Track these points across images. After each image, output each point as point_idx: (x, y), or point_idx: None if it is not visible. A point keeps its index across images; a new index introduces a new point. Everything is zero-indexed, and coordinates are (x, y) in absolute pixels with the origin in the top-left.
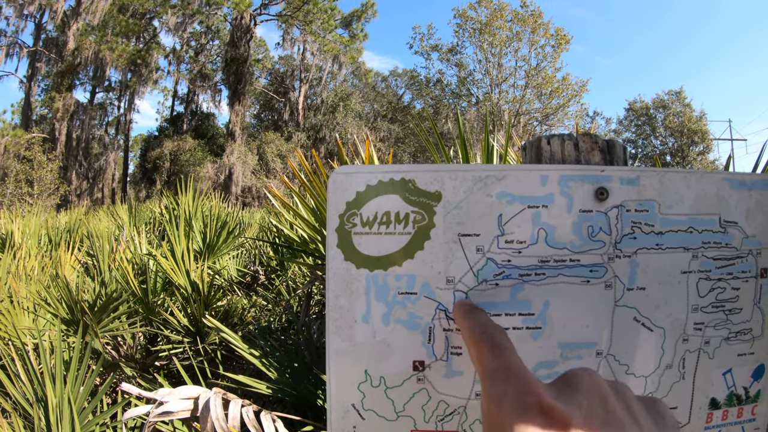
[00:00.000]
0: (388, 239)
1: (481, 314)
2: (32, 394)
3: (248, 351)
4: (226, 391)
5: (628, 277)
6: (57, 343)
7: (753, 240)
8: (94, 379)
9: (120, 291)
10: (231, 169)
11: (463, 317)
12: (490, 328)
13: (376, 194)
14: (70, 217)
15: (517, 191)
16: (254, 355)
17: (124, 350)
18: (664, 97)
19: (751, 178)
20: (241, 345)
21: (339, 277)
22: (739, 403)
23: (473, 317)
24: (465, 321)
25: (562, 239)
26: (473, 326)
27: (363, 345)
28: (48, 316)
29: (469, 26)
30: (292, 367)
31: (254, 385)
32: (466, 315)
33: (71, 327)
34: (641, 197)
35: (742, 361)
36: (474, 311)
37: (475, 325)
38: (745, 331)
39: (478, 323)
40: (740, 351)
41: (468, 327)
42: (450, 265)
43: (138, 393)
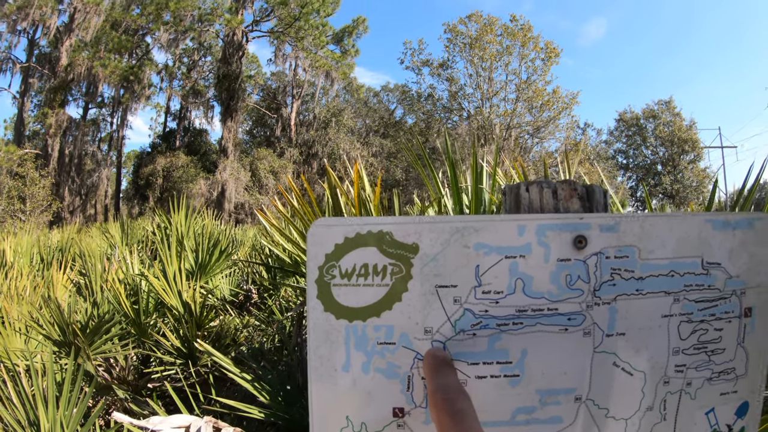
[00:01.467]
0: (367, 291)
1: (448, 374)
2: (24, 417)
3: (240, 375)
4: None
5: (607, 324)
6: (49, 365)
7: (737, 280)
8: (86, 402)
9: (112, 312)
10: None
11: (429, 375)
12: (452, 393)
13: (355, 246)
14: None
15: (495, 242)
16: (246, 379)
17: (117, 372)
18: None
19: (735, 218)
20: (233, 369)
21: (319, 327)
22: None
23: (438, 378)
24: (430, 380)
25: (540, 289)
26: (436, 389)
27: (344, 392)
28: (40, 337)
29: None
30: (285, 390)
31: (246, 410)
32: (432, 373)
33: (63, 349)
34: (621, 243)
35: (725, 400)
36: (440, 370)
37: (437, 389)
38: (728, 370)
39: (441, 387)
40: (723, 390)
41: (432, 388)
42: (428, 316)
43: (130, 422)
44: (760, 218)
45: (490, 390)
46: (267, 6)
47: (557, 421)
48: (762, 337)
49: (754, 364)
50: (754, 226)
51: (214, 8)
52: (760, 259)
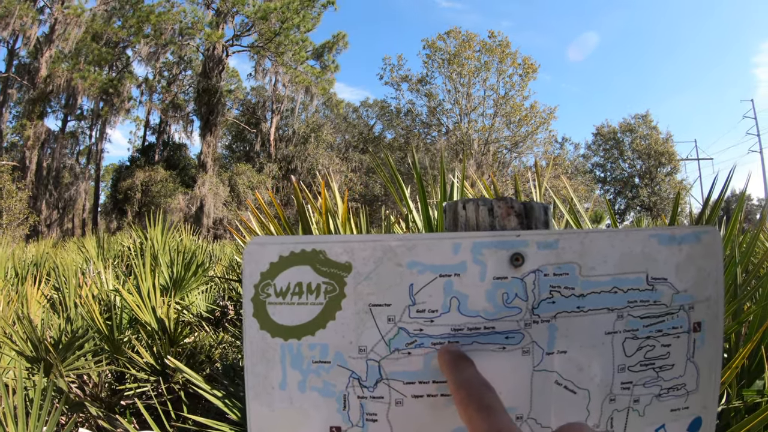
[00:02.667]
0: (301, 309)
1: (467, 368)
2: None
3: (210, 392)
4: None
5: (546, 342)
6: (19, 381)
7: (684, 295)
8: (56, 418)
9: (86, 328)
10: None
11: (448, 370)
12: (477, 388)
13: (289, 265)
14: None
15: (429, 260)
16: (216, 396)
17: (90, 389)
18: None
19: (681, 232)
20: (203, 386)
21: (255, 345)
22: None
23: (458, 373)
24: (451, 376)
25: (476, 307)
26: (460, 385)
27: (281, 411)
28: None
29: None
30: None
31: (217, 427)
32: (451, 368)
33: (35, 365)
34: (560, 260)
35: (676, 416)
36: (458, 365)
37: (462, 384)
38: (678, 386)
39: (464, 382)
40: (674, 406)
41: (454, 385)
42: (362, 335)
43: None
44: (706, 231)
45: (428, 409)
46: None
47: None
48: (712, 351)
49: (705, 379)
50: (701, 240)
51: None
52: (708, 272)
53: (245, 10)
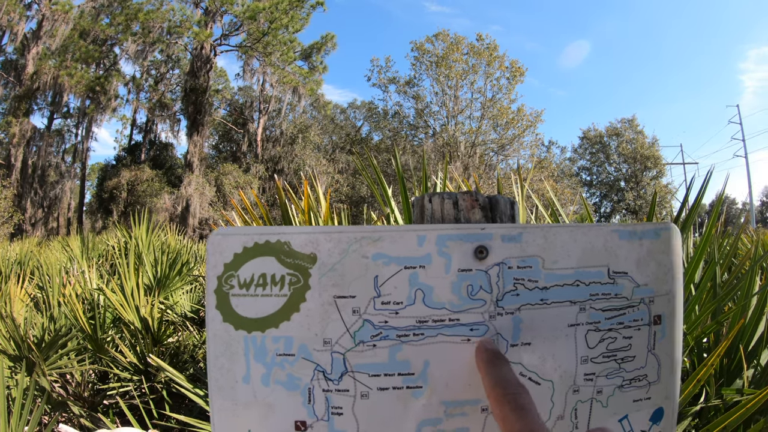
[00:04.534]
0: (265, 301)
1: (504, 367)
2: None
3: (192, 390)
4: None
5: (511, 334)
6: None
7: (645, 288)
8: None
9: (69, 327)
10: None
11: (485, 367)
12: (513, 387)
13: (253, 256)
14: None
15: (394, 252)
16: (199, 395)
17: (73, 388)
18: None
19: (641, 228)
20: (186, 384)
21: (218, 338)
22: None
23: (496, 370)
24: (488, 374)
25: (441, 299)
26: (496, 383)
27: (245, 405)
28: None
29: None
30: None
31: (198, 426)
32: (488, 366)
33: (18, 364)
34: (524, 254)
35: (639, 407)
36: (495, 363)
37: (498, 383)
38: (640, 377)
39: (501, 381)
40: (636, 397)
41: (491, 382)
42: (326, 327)
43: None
44: (666, 228)
45: (393, 402)
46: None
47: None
48: (673, 343)
49: (666, 370)
50: (661, 236)
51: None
52: (668, 267)
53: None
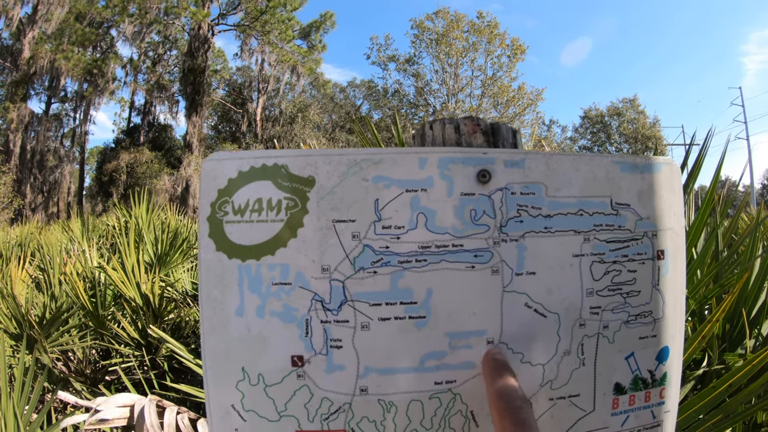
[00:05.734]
0: (261, 227)
1: (509, 379)
2: None
3: (194, 361)
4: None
5: (516, 262)
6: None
7: (647, 222)
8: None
9: (70, 304)
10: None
11: (491, 378)
12: (515, 401)
13: (249, 181)
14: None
15: (395, 175)
16: (200, 365)
17: (74, 365)
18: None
19: (642, 161)
20: (186, 355)
21: (211, 268)
22: (645, 387)
23: (502, 382)
24: (493, 384)
25: (444, 224)
26: (500, 396)
27: (238, 340)
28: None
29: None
30: None
31: (199, 395)
32: (494, 377)
33: (20, 342)
34: (527, 180)
35: (645, 344)
36: (502, 374)
37: (501, 396)
38: (645, 313)
39: (504, 394)
40: (642, 334)
41: (495, 394)
42: (325, 253)
43: (75, 401)
44: (667, 163)
45: (395, 333)
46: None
47: (470, 366)
48: (676, 280)
49: (671, 307)
50: (662, 171)
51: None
52: (669, 203)
53: None
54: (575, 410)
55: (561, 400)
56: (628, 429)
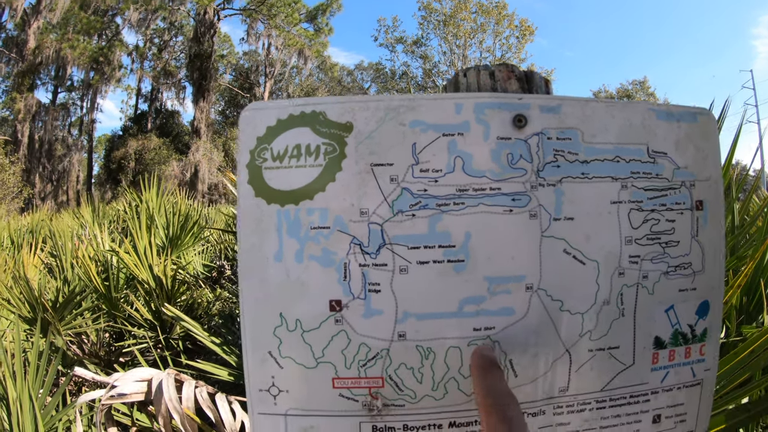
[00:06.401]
0: (299, 172)
1: (497, 376)
2: None
3: (209, 338)
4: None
5: (553, 207)
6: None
7: (685, 171)
8: (54, 372)
9: (83, 287)
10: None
11: (478, 376)
12: (503, 398)
13: (287, 128)
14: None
15: (431, 120)
16: (215, 343)
17: (88, 347)
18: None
19: (678, 110)
20: (201, 332)
21: (250, 214)
22: (685, 342)
23: (488, 381)
24: (479, 382)
25: (481, 167)
26: (487, 393)
27: (276, 285)
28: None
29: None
30: None
31: (215, 372)
32: (481, 374)
33: (34, 326)
34: (563, 125)
35: (685, 297)
36: (490, 372)
37: (488, 392)
38: (684, 265)
39: (492, 391)
40: (681, 286)
41: (482, 392)
42: (363, 197)
43: (92, 377)
44: (702, 112)
45: (434, 277)
46: None
47: (509, 312)
48: (715, 232)
49: (710, 260)
50: (698, 120)
51: None
52: (707, 153)
53: None
54: (615, 363)
55: (600, 352)
56: (667, 386)
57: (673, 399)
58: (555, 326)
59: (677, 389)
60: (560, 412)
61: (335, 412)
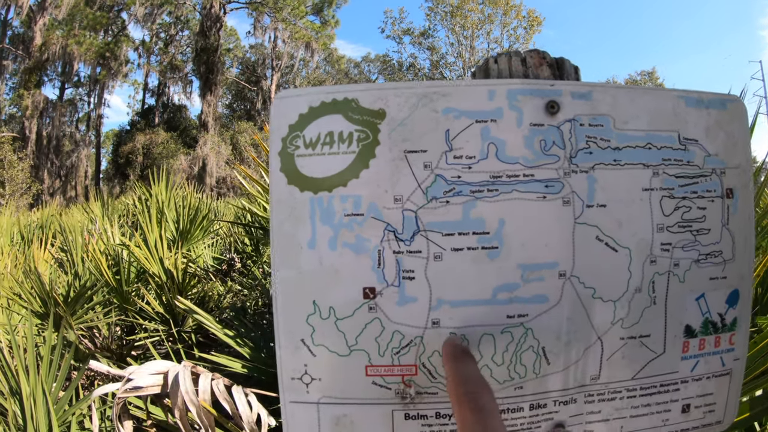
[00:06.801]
0: (332, 159)
1: (469, 364)
2: (7, 388)
3: (222, 331)
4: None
5: (586, 194)
6: (29, 333)
7: (715, 159)
8: (66, 366)
9: (94, 281)
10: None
11: (449, 364)
12: (474, 386)
13: (319, 115)
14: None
15: (464, 107)
16: (228, 335)
17: (100, 341)
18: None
19: (707, 97)
20: (214, 325)
21: (282, 202)
22: (715, 331)
23: (460, 368)
24: (450, 371)
25: (514, 153)
26: (458, 382)
27: (310, 273)
28: (23, 311)
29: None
30: (268, 347)
31: (229, 364)
32: (452, 363)
33: (45, 320)
34: (594, 112)
35: (715, 285)
36: (461, 359)
37: (459, 382)
38: (715, 253)
39: (464, 378)
40: (712, 274)
41: (452, 380)
42: (397, 183)
43: (107, 370)
44: (732, 100)
45: (468, 264)
46: None
47: (542, 300)
48: (745, 221)
49: (740, 248)
50: (727, 107)
51: None
52: (736, 140)
53: None
54: (646, 351)
55: (632, 340)
56: (697, 375)
57: (703, 389)
58: (587, 314)
59: (707, 379)
60: (591, 400)
61: (368, 400)
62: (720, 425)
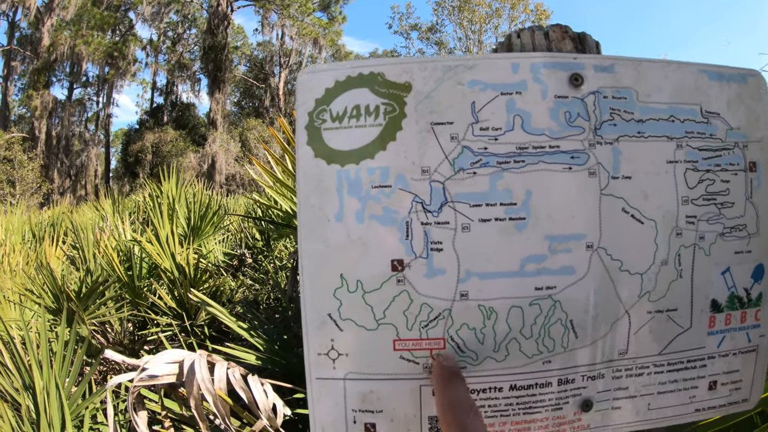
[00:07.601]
0: (359, 132)
1: (458, 387)
2: (20, 383)
3: (236, 323)
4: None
5: (612, 165)
6: (42, 329)
7: (738, 132)
8: (79, 361)
9: (106, 277)
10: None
11: (438, 387)
12: (462, 410)
13: (346, 89)
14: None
15: (489, 79)
16: (242, 327)
17: (112, 336)
18: None
19: (728, 71)
20: (228, 317)
21: (309, 175)
22: (741, 306)
23: (448, 392)
24: (439, 393)
25: (539, 125)
26: (446, 405)
27: (337, 246)
28: (35, 307)
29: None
30: (281, 339)
31: (243, 356)
32: (442, 385)
33: (58, 316)
34: (618, 85)
35: (740, 260)
36: (450, 383)
37: (448, 405)
38: (739, 226)
39: (452, 402)
40: (737, 248)
41: (441, 405)
42: (424, 155)
43: (122, 360)
44: (752, 74)
45: (495, 235)
46: None
47: (569, 272)
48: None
49: (764, 222)
50: (748, 81)
51: None
52: (758, 113)
53: None
54: (673, 326)
55: (659, 314)
56: (723, 351)
57: (729, 365)
58: (615, 286)
59: (733, 355)
60: (619, 375)
61: (396, 375)
62: (746, 403)
